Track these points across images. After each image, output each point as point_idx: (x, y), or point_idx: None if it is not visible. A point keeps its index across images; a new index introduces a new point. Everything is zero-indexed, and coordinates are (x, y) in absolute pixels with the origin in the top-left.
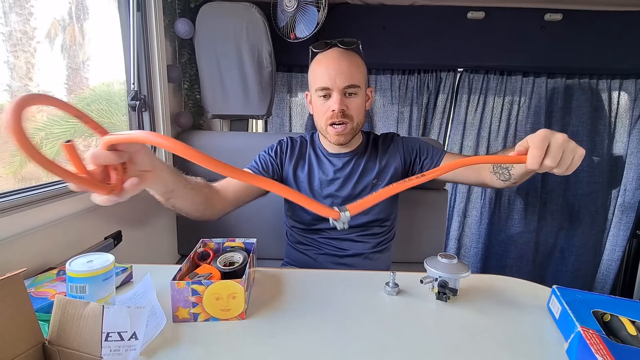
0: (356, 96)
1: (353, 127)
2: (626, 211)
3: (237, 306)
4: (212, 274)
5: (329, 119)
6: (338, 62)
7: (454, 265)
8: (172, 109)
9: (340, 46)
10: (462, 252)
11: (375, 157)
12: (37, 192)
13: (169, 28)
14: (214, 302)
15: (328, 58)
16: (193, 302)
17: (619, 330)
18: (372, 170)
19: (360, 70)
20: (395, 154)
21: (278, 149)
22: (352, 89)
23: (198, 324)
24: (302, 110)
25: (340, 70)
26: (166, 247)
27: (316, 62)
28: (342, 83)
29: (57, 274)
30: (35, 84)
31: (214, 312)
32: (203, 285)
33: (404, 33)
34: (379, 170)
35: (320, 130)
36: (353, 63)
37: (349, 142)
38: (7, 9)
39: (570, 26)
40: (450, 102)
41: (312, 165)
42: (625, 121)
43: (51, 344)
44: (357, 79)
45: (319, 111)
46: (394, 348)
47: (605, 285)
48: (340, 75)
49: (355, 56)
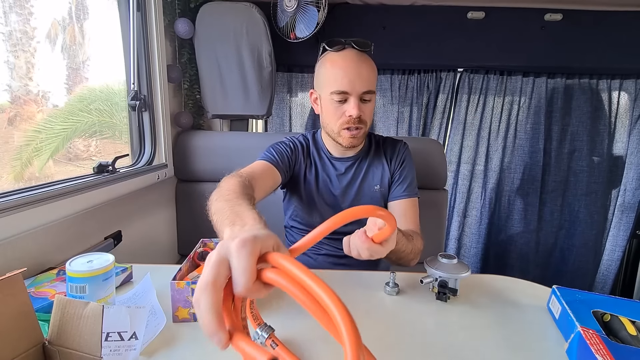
0: (370, 102)
1: (365, 131)
2: (626, 211)
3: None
4: None
5: (345, 124)
6: (357, 66)
7: (454, 265)
8: (172, 109)
9: (356, 47)
10: (462, 252)
11: (379, 162)
12: (37, 192)
13: (169, 28)
14: None
15: (346, 60)
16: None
17: (619, 330)
18: (374, 175)
19: (375, 75)
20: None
21: (297, 145)
22: (369, 95)
23: (198, 324)
24: (302, 110)
25: (360, 75)
26: (166, 247)
27: (331, 62)
28: (361, 88)
29: (57, 274)
30: (35, 83)
31: None
32: None
33: (404, 33)
34: (382, 176)
35: (330, 133)
36: (370, 67)
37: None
38: (7, 9)
39: (570, 26)
40: (450, 102)
41: (317, 167)
42: (625, 121)
43: (51, 344)
44: (374, 84)
45: (332, 114)
46: (394, 348)
47: (605, 285)
48: (360, 80)
49: (370, 60)
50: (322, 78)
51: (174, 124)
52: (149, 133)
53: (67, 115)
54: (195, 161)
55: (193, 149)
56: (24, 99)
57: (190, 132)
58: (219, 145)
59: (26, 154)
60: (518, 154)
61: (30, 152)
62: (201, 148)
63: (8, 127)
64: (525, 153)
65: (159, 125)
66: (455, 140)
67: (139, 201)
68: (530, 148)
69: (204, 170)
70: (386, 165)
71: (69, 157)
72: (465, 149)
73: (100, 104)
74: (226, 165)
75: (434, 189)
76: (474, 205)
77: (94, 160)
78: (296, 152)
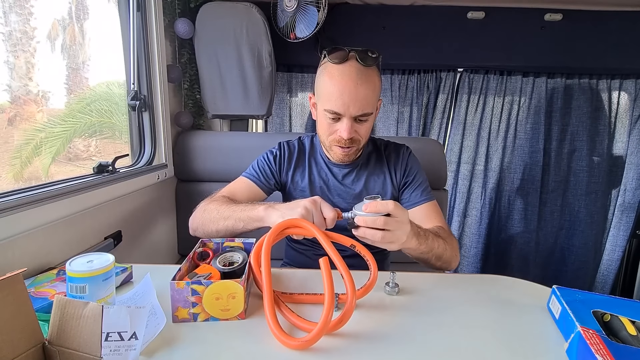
0: (367, 122)
1: (359, 148)
2: (626, 211)
3: (236, 306)
4: (211, 274)
5: (336, 142)
6: (355, 86)
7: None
8: (172, 109)
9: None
10: (462, 252)
11: (380, 170)
12: (37, 192)
13: (169, 28)
14: (214, 302)
15: (344, 78)
16: (193, 302)
17: (619, 330)
18: (374, 182)
19: (375, 93)
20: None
21: (278, 155)
22: (365, 117)
23: (198, 323)
24: (302, 110)
25: (356, 97)
26: (166, 247)
27: (329, 76)
28: (356, 112)
29: (57, 274)
30: (35, 84)
31: (214, 312)
32: (203, 285)
33: (404, 33)
34: (383, 183)
35: (323, 144)
36: (370, 86)
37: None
38: (7, 9)
39: (570, 26)
40: (450, 102)
41: (312, 173)
42: (625, 121)
43: (51, 344)
44: (372, 105)
45: (325, 129)
46: (394, 348)
47: (605, 285)
48: (355, 103)
49: (373, 75)
50: (319, 89)
51: (174, 124)
52: (149, 133)
53: (71, 114)
54: (195, 161)
55: (193, 149)
56: (24, 99)
57: (190, 132)
58: (219, 145)
59: (26, 152)
60: (518, 154)
61: (31, 151)
62: (201, 148)
63: (8, 127)
64: (525, 153)
65: (159, 125)
66: (455, 140)
67: (139, 201)
68: (530, 148)
69: (204, 170)
70: (388, 174)
71: (69, 157)
72: (465, 149)
73: (101, 103)
74: (226, 165)
75: (434, 189)
76: (474, 205)
77: (94, 160)
78: (280, 161)
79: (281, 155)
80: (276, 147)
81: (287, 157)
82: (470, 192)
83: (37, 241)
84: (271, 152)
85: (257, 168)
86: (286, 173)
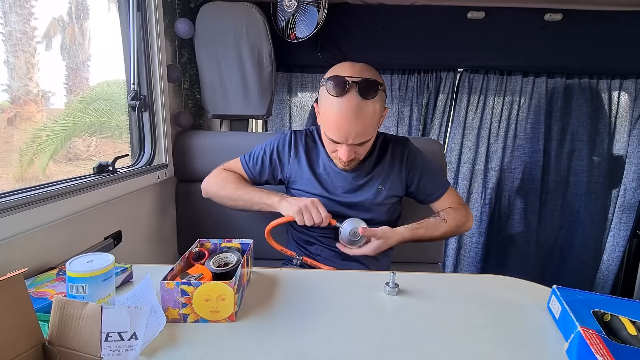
0: (367, 144)
1: (359, 160)
2: (626, 211)
3: (226, 308)
4: (203, 274)
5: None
6: (355, 118)
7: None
8: (172, 109)
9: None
10: (462, 252)
11: (383, 162)
12: (37, 192)
13: (169, 28)
14: (203, 303)
15: (342, 112)
16: (182, 302)
17: (619, 330)
18: (378, 175)
19: (375, 118)
20: (402, 165)
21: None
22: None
23: (187, 325)
24: (302, 110)
25: (355, 131)
26: (166, 247)
27: (329, 102)
28: (353, 141)
29: (57, 274)
30: (35, 84)
31: (204, 314)
32: (192, 286)
33: (404, 33)
34: (385, 176)
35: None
36: (369, 117)
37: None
38: (7, 9)
39: (570, 26)
40: (450, 102)
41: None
42: (625, 121)
43: (51, 344)
44: (371, 131)
45: (327, 144)
46: (394, 348)
47: (605, 285)
48: (352, 135)
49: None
50: (320, 106)
51: (174, 124)
52: (149, 133)
53: (72, 114)
54: (195, 161)
55: (193, 149)
56: (24, 99)
57: (190, 132)
58: (219, 145)
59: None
60: (518, 154)
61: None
62: (201, 148)
63: (7, 127)
64: (525, 153)
65: (159, 125)
66: (455, 140)
67: (139, 201)
68: (530, 148)
69: (204, 170)
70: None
71: (69, 157)
72: (465, 149)
73: (100, 103)
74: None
75: None
76: (474, 205)
77: (94, 160)
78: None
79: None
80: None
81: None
82: (470, 192)
83: (37, 241)
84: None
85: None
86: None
